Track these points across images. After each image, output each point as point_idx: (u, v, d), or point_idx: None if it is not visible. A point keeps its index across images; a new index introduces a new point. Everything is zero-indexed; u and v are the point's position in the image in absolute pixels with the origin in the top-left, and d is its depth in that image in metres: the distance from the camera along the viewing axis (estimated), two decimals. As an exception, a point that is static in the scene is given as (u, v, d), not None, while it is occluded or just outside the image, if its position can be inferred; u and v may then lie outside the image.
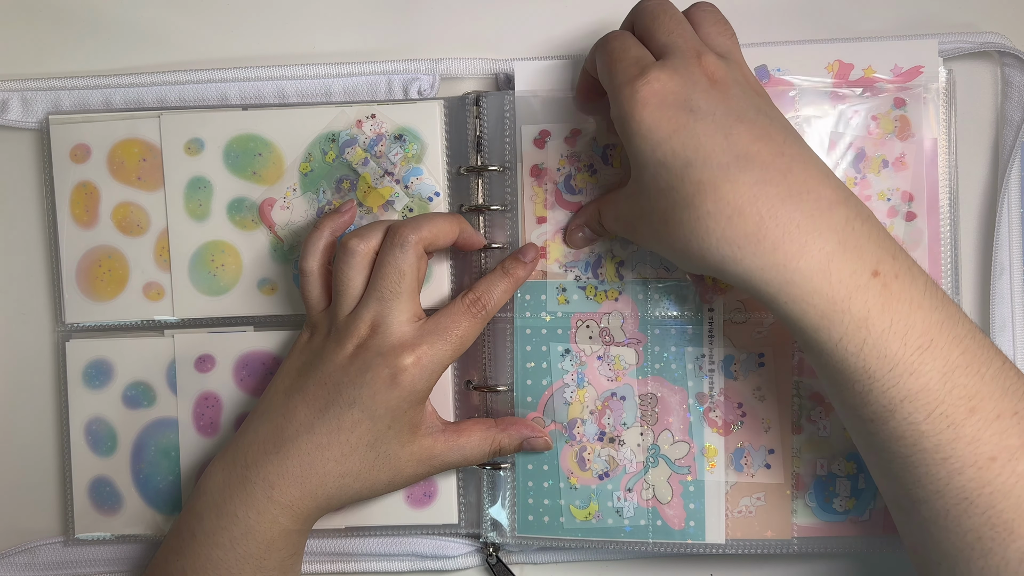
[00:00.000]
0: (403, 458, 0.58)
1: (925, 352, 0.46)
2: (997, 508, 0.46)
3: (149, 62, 0.68)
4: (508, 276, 0.61)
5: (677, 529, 0.62)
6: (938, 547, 0.48)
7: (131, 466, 0.66)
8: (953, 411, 0.46)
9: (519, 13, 0.67)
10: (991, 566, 0.46)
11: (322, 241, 0.61)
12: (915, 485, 0.48)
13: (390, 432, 0.57)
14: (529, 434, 0.61)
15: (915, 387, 0.46)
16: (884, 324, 0.46)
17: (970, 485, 0.46)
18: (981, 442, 0.46)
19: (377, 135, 0.65)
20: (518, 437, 0.61)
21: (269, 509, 0.56)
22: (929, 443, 0.47)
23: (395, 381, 0.56)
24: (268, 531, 0.56)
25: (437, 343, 0.57)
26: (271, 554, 0.57)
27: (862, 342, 0.46)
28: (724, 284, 0.61)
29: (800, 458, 0.62)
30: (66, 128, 0.66)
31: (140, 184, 0.66)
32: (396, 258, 0.57)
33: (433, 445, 0.59)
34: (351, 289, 0.58)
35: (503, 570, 0.65)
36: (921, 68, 0.61)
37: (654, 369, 0.62)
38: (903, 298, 0.47)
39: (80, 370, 0.66)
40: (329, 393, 0.57)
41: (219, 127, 0.66)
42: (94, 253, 0.66)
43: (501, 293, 0.60)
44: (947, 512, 0.47)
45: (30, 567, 0.67)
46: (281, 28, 0.68)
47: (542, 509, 0.63)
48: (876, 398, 0.47)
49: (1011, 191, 0.64)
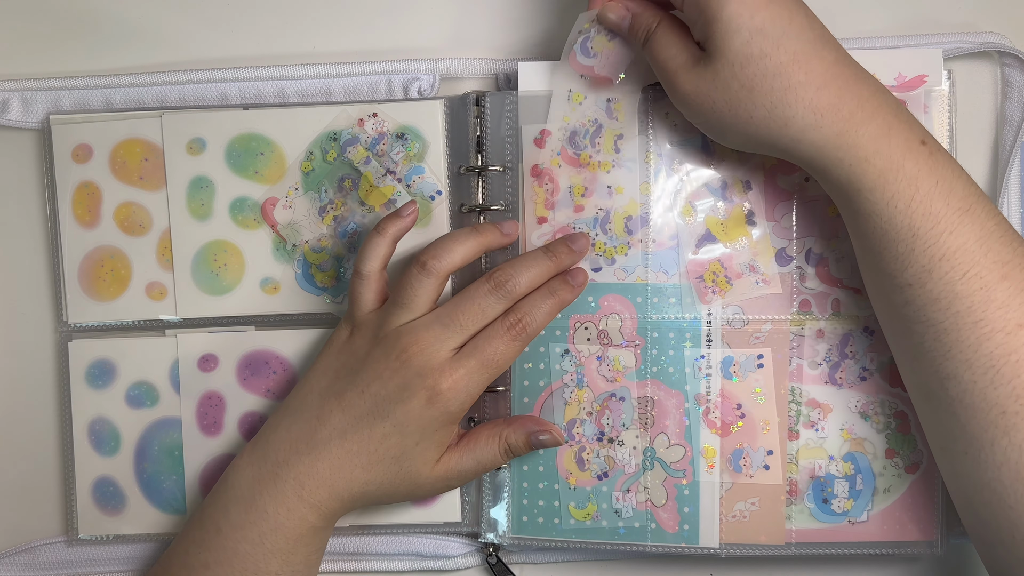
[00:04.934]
0: (424, 475, 0.59)
1: (965, 215, 0.51)
2: (1022, 378, 0.49)
3: (149, 62, 0.68)
4: (554, 297, 0.59)
5: (671, 532, 0.63)
6: (964, 431, 0.51)
7: (134, 466, 0.67)
8: (987, 274, 0.50)
9: (519, 13, 0.67)
10: (1014, 444, 0.49)
11: (383, 247, 0.60)
12: (945, 357, 0.51)
13: (417, 449, 0.58)
14: (534, 428, 0.61)
15: (954, 246, 0.50)
16: (931, 183, 0.51)
17: (997, 352, 0.50)
18: (1011, 308, 0.50)
19: (379, 134, 0.65)
20: (523, 431, 0.61)
21: (299, 507, 0.57)
22: (962, 304, 0.50)
23: (431, 403, 0.56)
24: (297, 528, 0.57)
25: (474, 369, 0.57)
26: (298, 550, 0.58)
27: (910, 199, 0.51)
28: (723, 285, 0.62)
29: (796, 464, 0.62)
30: (68, 128, 0.66)
31: (142, 184, 0.66)
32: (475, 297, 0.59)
33: (449, 459, 0.60)
34: (416, 304, 0.58)
35: (503, 570, 0.66)
36: (925, 77, 0.61)
37: (652, 372, 0.62)
38: (946, 165, 0.52)
39: (83, 370, 0.67)
40: (367, 403, 0.57)
41: (221, 126, 0.66)
42: (96, 253, 0.66)
43: (544, 316, 0.59)
44: (974, 385, 0.50)
45: (31, 567, 0.68)
46: (281, 28, 0.68)
47: (537, 510, 0.64)
48: (917, 257, 0.51)
49: (1011, 191, 0.64)
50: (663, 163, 0.62)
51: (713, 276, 0.62)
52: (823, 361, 0.62)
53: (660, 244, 0.62)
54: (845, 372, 0.62)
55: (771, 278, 0.62)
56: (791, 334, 0.62)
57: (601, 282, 0.63)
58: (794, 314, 0.62)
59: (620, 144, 0.62)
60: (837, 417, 0.62)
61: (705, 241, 0.62)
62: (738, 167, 0.62)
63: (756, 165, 0.62)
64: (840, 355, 0.62)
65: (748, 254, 0.62)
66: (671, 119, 0.62)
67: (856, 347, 0.62)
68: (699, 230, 0.62)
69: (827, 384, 0.62)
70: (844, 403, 0.62)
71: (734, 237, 0.62)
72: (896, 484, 0.62)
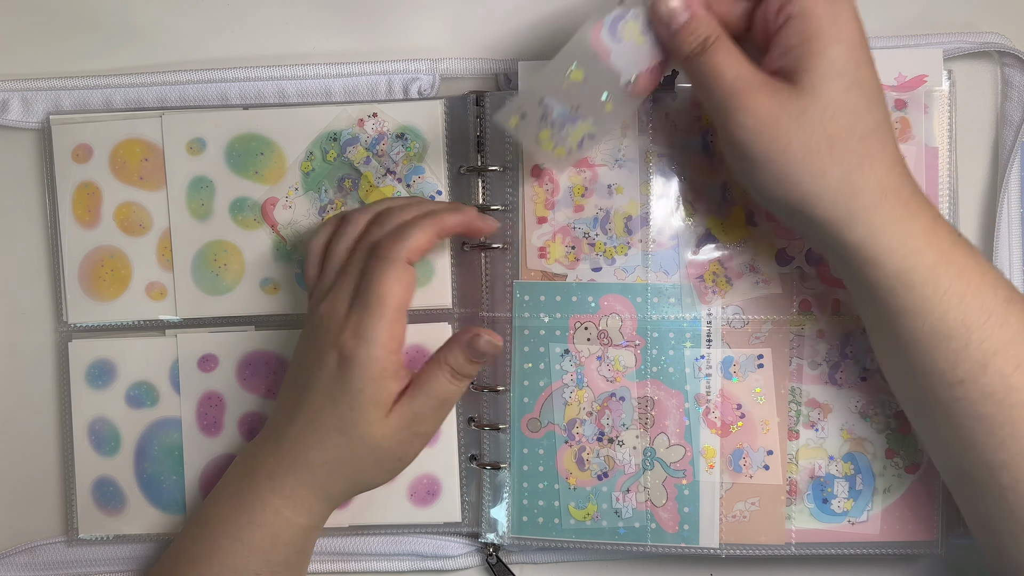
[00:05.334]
0: (377, 434, 0.55)
1: (1011, 304, 0.49)
2: None
3: (149, 62, 0.68)
4: (422, 210, 0.58)
5: (671, 532, 0.63)
6: (1013, 517, 0.50)
7: (134, 466, 0.67)
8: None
9: (519, 13, 0.67)
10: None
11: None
12: (999, 448, 0.49)
13: (353, 413, 0.55)
14: (465, 337, 0.56)
15: (1006, 337, 0.49)
16: (978, 276, 0.49)
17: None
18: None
19: (379, 134, 0.65)
20: (458, 346, 0.56)
21: (271, 500, 0.56)
22: (1018, 396, 0.49)
23: (342, 361, 0.55)
24: (272, 522, 0.56)
25: (363, 310, 0.54)
26: (277, 548, 0.57)
27: (964, 293, 0.49)
28: (723, 285, 0.62)
29: (796, 464, 0.62)
30: (68, 128, 0.66)
31: (142, 184, 0.66)
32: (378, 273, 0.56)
33: (400, 407, 0.56)
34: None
35: (503, 570, 0.66)
36: (925, 77, 0.61)
37: (652, 372, 0.62)
38: (981, 257, 0.50)
39: (83, 370, 0.67)
40: (303, 380, 0.57)
41: (221, 127, 0.66)
42: (96, 253, 0.66)
43: (411, 231, 0.55)
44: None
45: (31, 567, 0.68)
46: (281, 28, 0.68)
47: (537, 510, 0.64)
48: (971, 353, 0.49)
49: (1011, 191, 0.64)
50: (663, 163, 0.62)
51: (713, 276, 0.62)
52: (823, 361, 0.62)
53: (660, 244, 0.62)
54: (845, 372, 0.62)
55: (771, 278, 0.62)
56: (791, 334, 0.62)
57: (601, 282, 0.63)
58: (794, 314, 0.62)
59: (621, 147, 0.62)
60: (837, 417, 0.62)
61: (705, 241, 0.62)
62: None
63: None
64: (840, 355, 0.62)
65: (748, 254, 0.62)
66: (671, 119, 0.62)
67: (856, 347, 0.62)
68: (699, 230, 0.62)
69: (827, 384, 0.62)
70: (844, 403, 0.62)
71: (734, 237, 0.62)
72: (896, 484, 0.62)
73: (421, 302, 0.65)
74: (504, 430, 0.64)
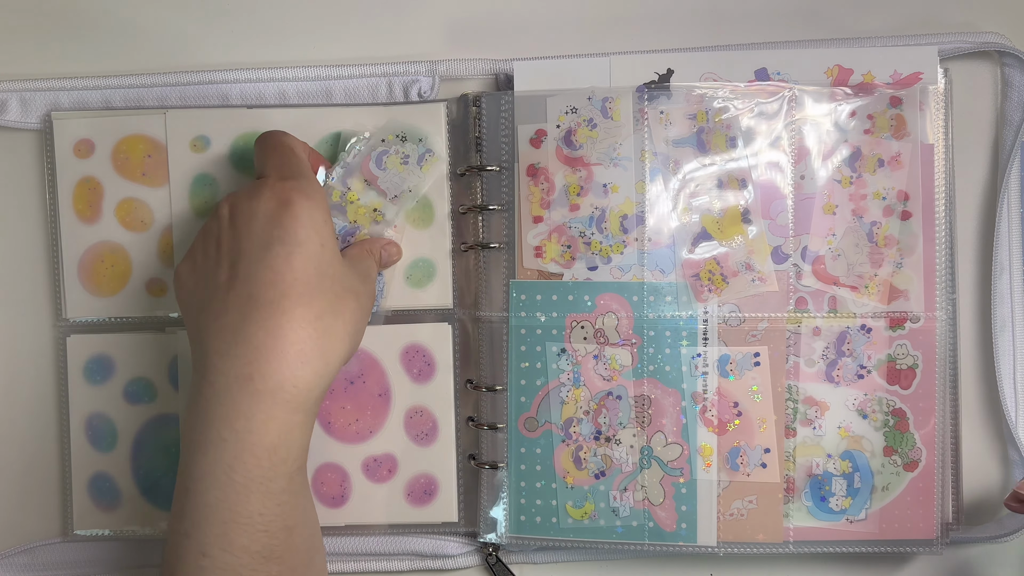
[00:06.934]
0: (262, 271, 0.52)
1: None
2: None
3: (150, 63, 0.68)
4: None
5: (669, 531, 0.62)
6: None
7: (131, 462, 0.67)
8: None
9: (519, 13, 0.67)
10: None
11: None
12: None
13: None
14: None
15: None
16: None
17: None
18: None
19: (380, 136, 0.65)
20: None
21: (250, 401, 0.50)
22: None
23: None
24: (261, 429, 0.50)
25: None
26: (275, 467, 0.50)
27: None
28: (719, 283, 0.62)
29: (794, 462, 0.62)
30: (69, 124, 0.66)
31: (145, 180, 0.66)
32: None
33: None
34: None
35: (503, 570, 0.65)
36: (920, 75, 0.61)
37: (648, 371, 0.62)
38: None
39: (81, 366, 0.67)
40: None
41: (225, 125, 0.66)
42: (97, 248, 0.67)
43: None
44: None
45: (30, 567, 0.68)
46: (281, 30, 0.68)
47: (535, 509, 0.64)
48: None
49: (1011, 191, 0.64)
50: (659, 162, 0.62)
51: (709, 274, 0.62)
52: (820, 359, 0.62)
53: (656, 243, 0.62)
54: (842, 370, 0.61)
55: (767, 276, 0.62)
56: (788, 332, 0.62)
57: (597, 281, 0.63)
58: (790, 312, 0.62)
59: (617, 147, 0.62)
60: (834, 415, 0.62)
61: (701, 239, 0.62)
62: (733, 166, 0.62)
63: (751, 164, 0.62)
64: (837, 352, 0.61)
65: (744, 252, 0.62)
66: (666, 118, 0.62)
67: (853, 345, 0.61)
68: (695, 228, 0.62)
69: (824, 382, 0.62)
70: (841, 401, 0.62)
71: (730, 235, 0.62)
72: (894, 482, 0.61)
73: (422, 302, 0.65)
74: (501, 429, 0.64)
